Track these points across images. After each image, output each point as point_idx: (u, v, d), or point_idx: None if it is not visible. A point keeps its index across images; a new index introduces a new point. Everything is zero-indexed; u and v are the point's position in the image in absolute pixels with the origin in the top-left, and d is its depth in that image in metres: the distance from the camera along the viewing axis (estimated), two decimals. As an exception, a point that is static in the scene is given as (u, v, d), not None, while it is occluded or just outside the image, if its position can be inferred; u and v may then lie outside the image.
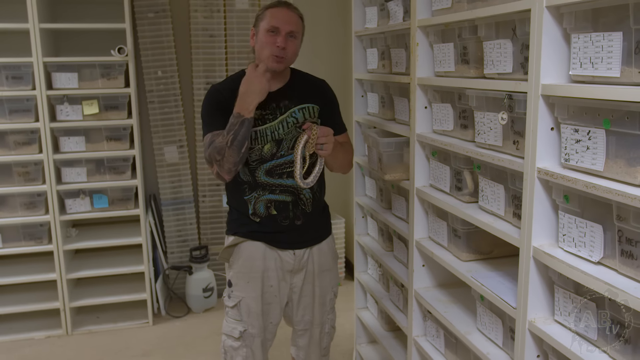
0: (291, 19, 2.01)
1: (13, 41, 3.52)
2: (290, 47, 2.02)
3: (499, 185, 1.71)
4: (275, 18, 1.99)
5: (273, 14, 2.01)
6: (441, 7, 1.94)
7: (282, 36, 1.99)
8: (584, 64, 1.33)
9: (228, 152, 1.93)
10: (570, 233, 1.42)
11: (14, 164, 3.35)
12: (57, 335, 3.53)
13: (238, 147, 1.93)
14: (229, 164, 1.95)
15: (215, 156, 1.95)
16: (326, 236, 2.25)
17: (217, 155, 1.94)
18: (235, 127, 1.92)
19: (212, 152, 1.96)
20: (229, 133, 1.92)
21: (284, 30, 1.99)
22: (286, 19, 2.00)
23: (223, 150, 1.93)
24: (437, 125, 2.07)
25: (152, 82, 3.75)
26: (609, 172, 1.29)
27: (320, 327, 2.27)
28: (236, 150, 1.93)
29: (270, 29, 1.99)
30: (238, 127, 1.92)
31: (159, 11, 3.69)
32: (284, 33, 1.99)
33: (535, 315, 1.54)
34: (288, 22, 2.00)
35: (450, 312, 2.04)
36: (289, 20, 2.01)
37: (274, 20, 1.99)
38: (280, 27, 1.99)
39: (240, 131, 1.92)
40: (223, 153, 1.93)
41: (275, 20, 1.99)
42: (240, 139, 1.92)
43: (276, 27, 1.99)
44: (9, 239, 3.42)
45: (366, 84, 2.72)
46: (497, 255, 1.98)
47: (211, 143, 1.99)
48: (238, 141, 1.92)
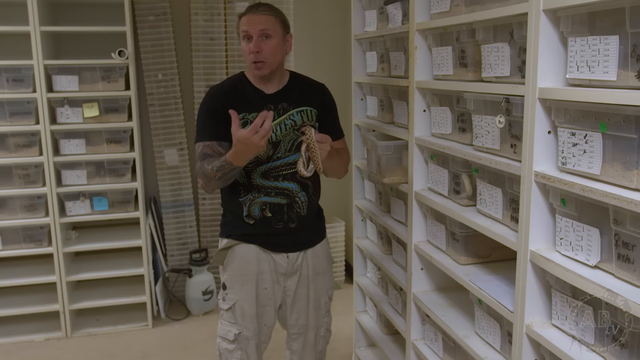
0: (259, 20, 2.00)
1: (14, 44, 3.53)
2: (266, 48, 2.00)
3: (497, 189, 1.71)
4: (244, 24, 2.01)
5: (243, 21, 2.03)
6: (440, 11, 1.94)
7: (253, 41, 1.99)
8: (580, 68, 1.33)
9: (214, 183, 2.00)
10: (568, 237, 1.42)
11: (14, 166, 3.36)
12: (56, 338, 3.53)
13: (225, 182, 2.01)
14: (216, 187, 2.03)
15: (203, 178, 2.01)
16: (320, 239, 2.24)
17: (204, 178, 2.00)
18: (226, 170, 1.95)
19: (200, 173, 2.01)
20: (218, 171, 1.95)
21: (254, 33, 1.99)
22: (254, 21, 2.00)
23: (210, 178, 1.98)
24: (436, 129, 2.07)
25: (152, 84, 3.76)
26: (606, 176, 1.29)
27: (315, 331, 2.26)
28: (223, 183, 2.01)
29: (244, 37, 2.02)
30: (228, 171, 1.95)
31: (159, 14, 3.70)
32: (255, 37, 1.99)
33: (532, 319, 1.54)
34: (257, 23, 1.99)
35: (448, 315, 2.03)
36: (257, 21, 2.00)
37: (244, 26, 2.01)
38: (249, 30, 2.00)
39: (229, 174, 1.97)
40: (210, 180, 1.99)
41: (244, 25, 2.01)
42: (228, 178, 1.99)
43: (246, 32, 2.01)
44: (8, 241, 3.42)
45: (365, 87, 2.72)
46: (495, 258, 1.97)
47: (203, 156, 2.03)
48: (225, 179, 1.99)
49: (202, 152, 2.04)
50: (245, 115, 2.04)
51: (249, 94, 2.08)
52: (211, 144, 2.04)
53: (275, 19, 2.04)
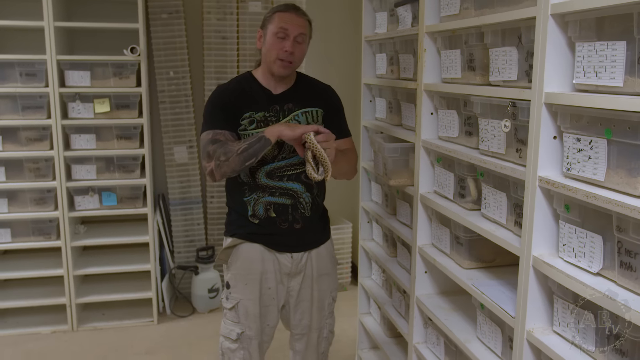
0: (301, 23, 2.01)
1: (28, 38, 3.57)
2: (298, 52, 2.02)
3: (502, 193, 1.70)
4: (284, 21, 1.99)
5: (282, 18, 2.00)
6: (449, 14, 1.93)
7: (290, 40, 1.99)
8: (587, 73, 1.32)
9: (234, 159, 1.90)
10: (571, 243, 1.41)
11: (25, 159, 3.39)
12: (62, 331, 3.56)
13: (245, 159, 1.90)
14: (229, 169, 1.93)
15: (220, 156, 1.92)
16: (325, 240, 2.24)
17: (222, 157, 1.91)
18: (252, 140, 1.90)
19: (219, 151, 1.92)
20: (245, 142, 1.92)
21: (293, 34, 1.99)
22: (296, 23, 2.00)
23: (230, 154, 1.90)
24: (443, 132, 2.06)
25: (163, 82, 3.78)
26: (610, 183, 1.28)
27: (318, 332, 2.26)
28: (242, 161, 1.91)
29: (278, 33, 1.99)
30: (255, 141, 1.90)
31: (172, 12, 3.72)
32: (292, 37, 1.99)
33: (533, 325, 1.53)
34: (298, 25, 2.00)
35: (450, 319, 2.02)
36: (299, 24, 2.00)
37: (283, 24, 1.99)
38: (290, 29, 1.98)
39: (255, 145, 1.90)
40: (229, 157, 1.90)
41: (284, 23, 1.99)
42: (252, 152, 1.90)
43: (285, 30, 1.98)
44: (18, 234, 3.45)
45: (375, 89, 2.72)
46: (499, 263, 1.96)
47: (214, 141, 1.97)
48: (249, 153, 1.90)
49: (214, 137, 1.98)
50: (252, 114, 2.04)
51: (256, 94, 2.08)
52: (223, 132, 2.00)
53: (309, 26, 2.06)
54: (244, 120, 2.04)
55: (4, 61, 3.28)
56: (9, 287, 3.70)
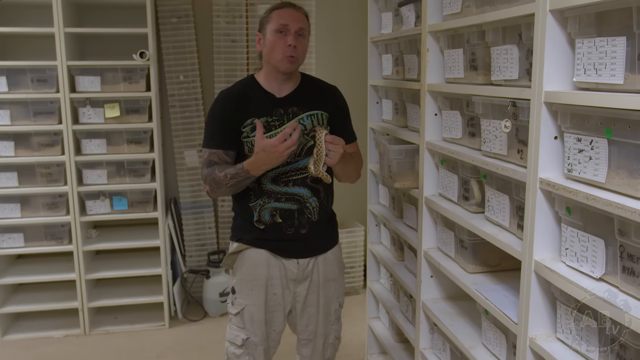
0: (299, 18, 2.00)
1: (39, 45, 3.61)
2: (300, 46, 2.00)
3: (504, 196, 1.65)
4: (283, 17, 1.98)
5: (280, 14, 1.99)
6: (451, 12, 1.89)
7: (292, 35, 1.97)
8: (588, 71, 1.27)
9: (224, 189, 2.01)
10: (573, 247, 1.36)
11: (37, 164, 3.42)
12: (75, 335, 3.58)
13: (235, 190, 2.03)
14: (222, 194, 2.05)
15: (212, 184, 2.02)
16: (332, 246, 2.20)
17: (214, 184, 2.01)
18: (240, 178, 1.97)
19: (209, 179, 2.02)
20: (232, 179, 1.97)
21: (294, 28, 1.97)
22: (295, 17, 1.98)
23: (220, 185, 2.00)
24: (447, 133, 2.02)
25: (174, 86, 3.78)
26: (611, 184, 1.23)
27: (324, 338, 2.22)
28: (232, 191, 2.04)
29: (279, 29, 1.97)
30: (242, 179, 1.97)
31: (182, 16, 3.73)
32: (293, 31, 1.97)
33: (536, 331, 1.48)
34: (297, 19, 1.98)
35: (456, 325, 1.98)
36: (298, 18, 1.99)
37: (282, 19, 1.97)
38: (289, 24, 1.97)
39: (242, 182, 1.99)
40: (220, 187, 2.01)
41: (283, 19, 1.97)
42: (241, 186, 2.01)
43: (285, 26, 1.96)
44: (31, 239, 3.48)
45: (381, 90, 2.68)
46: (505, 267, 1.91)
47: (209, 163, 2.04)
48: (237, 187, 2.01)
49: (208, 159, 2.05)
50: (255, 119, 2.02)
51: (259, 98, 2.06)
52: (217, 152, 2.04)
53: (308, 21, 2.05)
54: (245, 128, 2.02)
55: (16, 67, 3.32)
56: (22, 291, 3.73)
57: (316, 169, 1.93)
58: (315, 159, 1.91)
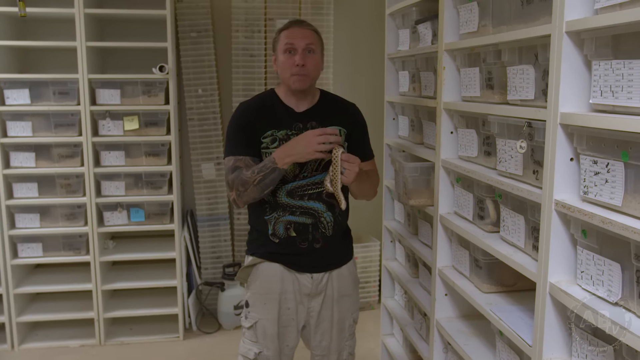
0: (305, 34, 2.02)
1: (61, 58, 3.67)
2: (310, 62, 2.02)
3: (520, 216, 1.64)
4: (288, 37, 2.01)
5: (286, 34, 2.03)
6: (468, 31, 1.89)
7: (299, 54, 1.99)
8: (604, 93, 1.27)
9: (251, 189, 1.97)
10: (589, 270, 1.34)
11: (57, 175, 3.47)
12: (90, 345, 3.60)
13: (263, 189, 1.97)
14: (249, 198, 2.00)
15: (239, 187, 1.99)
16: (347, 261, 2.20)
17: (241, 187, 1.98)
18: (266, 171, 1.95)
19: (237, 182, 1.99)
20: (259, 173, 1.95)
21: (300, 46, 2.00)
22: (300, 35, 2.01)
23: (247, 185, 1.97)
24: (462, 151, 2.01)
25: (192, 99, 3.82)
26: (628, 208, 1.22)
27: (337, 354, 2.21)
28: (260, 190, 1.98)
29: (286, 49, 2.01)
30: (269, 172, 1.95)
31: (201, 31, 3.77)
32: (300, 50, 1.99)
33: (551, 355, 1.46)
34: (302, 37, 2.01)
35: (470, 345, 1.96)
36: (304, 36, 2.01)
37: (288, 39, 2.01)
38: (295, 43, 2.00)
39: (269, 176, 1.95)
40: (247, 187, 1.97)
41: (289, 38, 2.01)
42: (268, 182, 1.96)
43: (291, 44, 2.00)
44: (49, 248, 3.52)
45: (397, 106, 2.69)
46: (520, 288, 1.89)
47: (234, 169, 2.02)
48: (264, 184, 1.96)
49: (234, 165, 2.04)
50: (274, 132, 2.04)
51: (279, 111, 2.08)
52: (244, 159, 2.04)
53: (317, 36, 2.07)
54: (265, 139, 2.04)
55: (39, 80, 3.38)
56: (39, 300, 3.78)
57: (334, 187, 1.94)
58: (331, 177, 1.92)
